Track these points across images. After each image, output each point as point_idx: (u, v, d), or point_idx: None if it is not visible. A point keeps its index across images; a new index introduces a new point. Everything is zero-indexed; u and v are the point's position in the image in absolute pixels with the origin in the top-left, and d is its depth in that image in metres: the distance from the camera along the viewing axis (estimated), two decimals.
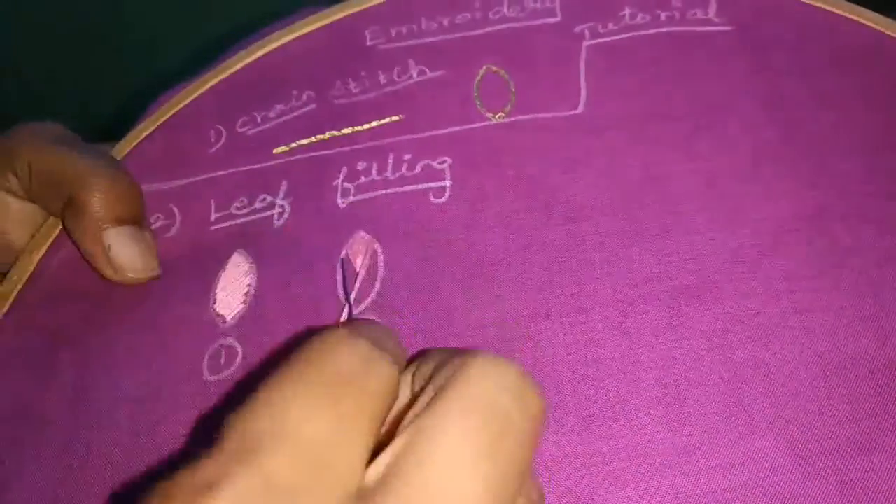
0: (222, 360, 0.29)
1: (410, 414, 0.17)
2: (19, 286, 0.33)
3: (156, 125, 0.37)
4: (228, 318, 0.30)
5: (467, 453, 0.16)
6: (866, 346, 0.25)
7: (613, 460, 0.24)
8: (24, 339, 0.31)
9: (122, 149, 0.36)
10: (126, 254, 0.31)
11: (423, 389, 0.18)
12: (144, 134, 0.37)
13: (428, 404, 0.17)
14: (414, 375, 0.19)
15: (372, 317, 0.29)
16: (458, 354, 0.18)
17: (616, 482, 0.24)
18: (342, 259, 0.30)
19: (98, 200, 0.31)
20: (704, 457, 0.24)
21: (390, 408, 0.18)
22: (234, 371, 0.28)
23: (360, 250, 0.30)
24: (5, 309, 0.32)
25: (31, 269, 0.33)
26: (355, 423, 0.16)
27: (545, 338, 0.27)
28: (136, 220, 0.32)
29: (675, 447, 0.24)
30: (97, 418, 0.28)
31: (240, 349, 0.29)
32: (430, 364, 0.19)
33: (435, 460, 0.16)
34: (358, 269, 0.30)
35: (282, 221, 0.32)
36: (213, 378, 0.28)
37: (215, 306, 0.30)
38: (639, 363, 0.26)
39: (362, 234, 0.31)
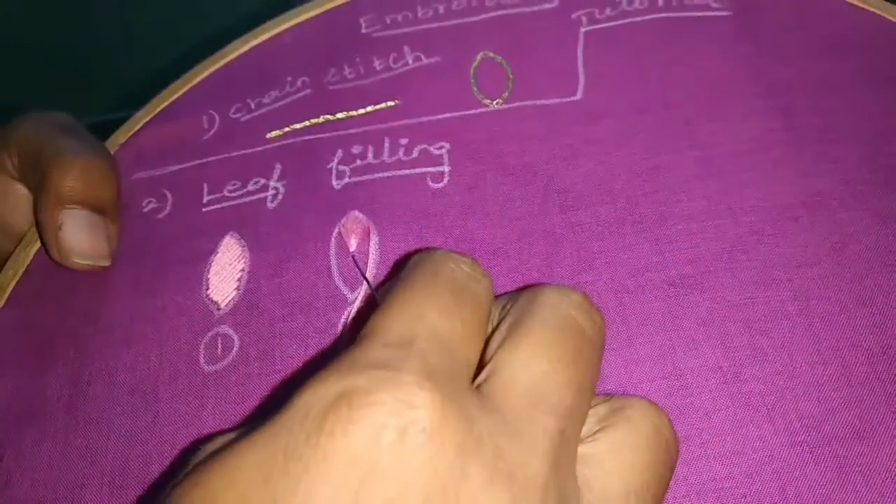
0: (219, 350, 0.28)
1: (497, 336, 0.19)
2: (15, 280, 0.33)
3: (151, 115, 0.37)
4: (222, 305, 0.29)
5: (557, 357, 0.18)
6: (864, 333, 0.25)
7: None
8: (20, 333, 0.31)
9: (118, 139, 0.36)
10: (75, 237, 0.30)
11: (501, 319, 0.20)
12: (140, 124, 0.36)
13: (511, 326, 0.19)
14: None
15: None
16: (526, 289, 0.21)
17: None
18: (335, 237, 0.30)
19: (62, 178, 0.30)
20: (703, 445, 0.24)
21: (489, 317, 0.20)
22: (231, 360, 0.28)
23: (353, 229, 0.30)
24: (1, 304, 0.32)
25: (27, 262, 0.33)
26: (474, 325, 0.19)
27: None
28: (100, 207, 0.31)
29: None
30: (96, 412, 0.28)
31: (236, 337, 0.28)
32: (501, 301, 0.21)
33: (531, 363, 0.18)
34: (351, 249, 0.29)
35: (275, 203, 0.32)
36: (210, 368, 0.28)
37: (209, 292, 0.30)
38: (637, 353, 0.26)
39: (357, 213, 0.30)
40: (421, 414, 0.16)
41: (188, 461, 0.18)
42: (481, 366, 0.19)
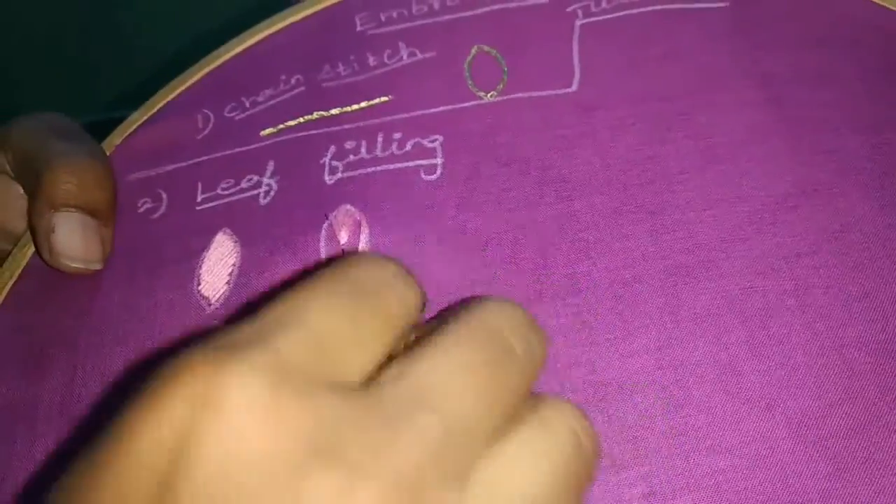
0: None
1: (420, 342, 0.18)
2: (12, 282, 0.33)
3: (147, 115, 0.37)
4: (213, 300, 0.29)
5: (465, 364, 0.17)
6: (864, 325, 0.25)
7: (609, 444, 0.24)
8: (16, 335, 0.31)
9: (114, 140, 0.36)
10: (67, 240, 0.30)
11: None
12: (135, 125, 0.36)
13: (432, 332, 0.18)
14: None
15: None
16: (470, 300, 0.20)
17: (613, 465, 0.23)
18: (325, 230, 0.30)
19: (55, 180, 0.30)
20: (703, 439, 0.23)
21: (403, 327, 0.19)
22: None
23: (344, 222, 0.29)
24: None
25: (24, 263, 0.33)
26: (369, 327, 0.17)
27: (538, 320, 0.26)
28: (93, 210, 0.31)
29: (673, 429, 0.24)
30: (89, 412, 0.28)
31: None
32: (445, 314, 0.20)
33: (433, 366, 0.17)
34: (342, 242, 0.29)
35: (268, 200, 0.32)
36: None
37: (200, 288, 0.30)
38: (633, 345, 0.25)
39: (348, 206, 0.30)
40: (243, 396, 0.15)
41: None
42: None
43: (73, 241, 0.30)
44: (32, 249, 0.33)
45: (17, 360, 0.30)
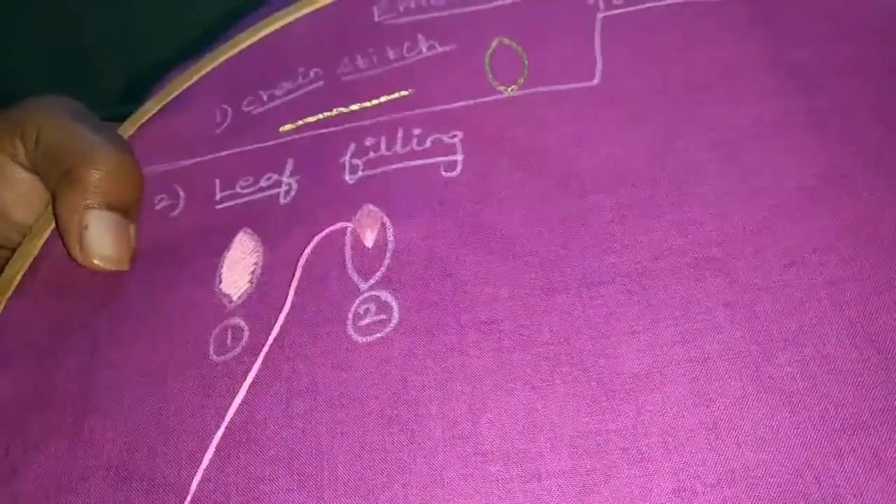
0: (229, 341, 0.28)
1: None
2: (22, 272, 0.32)
3: (160, 106, 0.36)
4: (235, 298, 0.29)
5: None
6: None
7: (638, 436, 0.23)
8: (29, 325, 0.31)
9: (126, 130, 0.36)
10: (100, 240, 0.30)
11: None
12: (148, 115, 0.36)
13: None
14: None
15: (383, 292, 0.28)
16: None
17: (641, 459, 0.23)
18: (350, 232, 0.29)
19: (95, 178, 0.30)
20: (734, 432, 0.23)
21: None
22: (240, 350, 0.27)
23: (368, 224, 0.29)
24: (8, 294, 0.32)
25: (35, 253, 0.33)
26: None
27: (563, 311, 0.26)
28: (125, 209, 0.31)
29: (703, 422, 0.23)
30: (104, 404, 0.28)
31: (246, 328, 0.28)
32: None
33: None
34: (368, 244, 0.29)
35: (288, 199, 0.31)
36: (219, 359, 0.28)
37: (221, 286, 0.29)
38: (660, 336, 0.25)
39: (370, 207, 0.30)
40: None
41: None
42: None
43: (106, 240, 0.30)
44: (43, 240, 0.33)
45: (30, 349, 0.30)
